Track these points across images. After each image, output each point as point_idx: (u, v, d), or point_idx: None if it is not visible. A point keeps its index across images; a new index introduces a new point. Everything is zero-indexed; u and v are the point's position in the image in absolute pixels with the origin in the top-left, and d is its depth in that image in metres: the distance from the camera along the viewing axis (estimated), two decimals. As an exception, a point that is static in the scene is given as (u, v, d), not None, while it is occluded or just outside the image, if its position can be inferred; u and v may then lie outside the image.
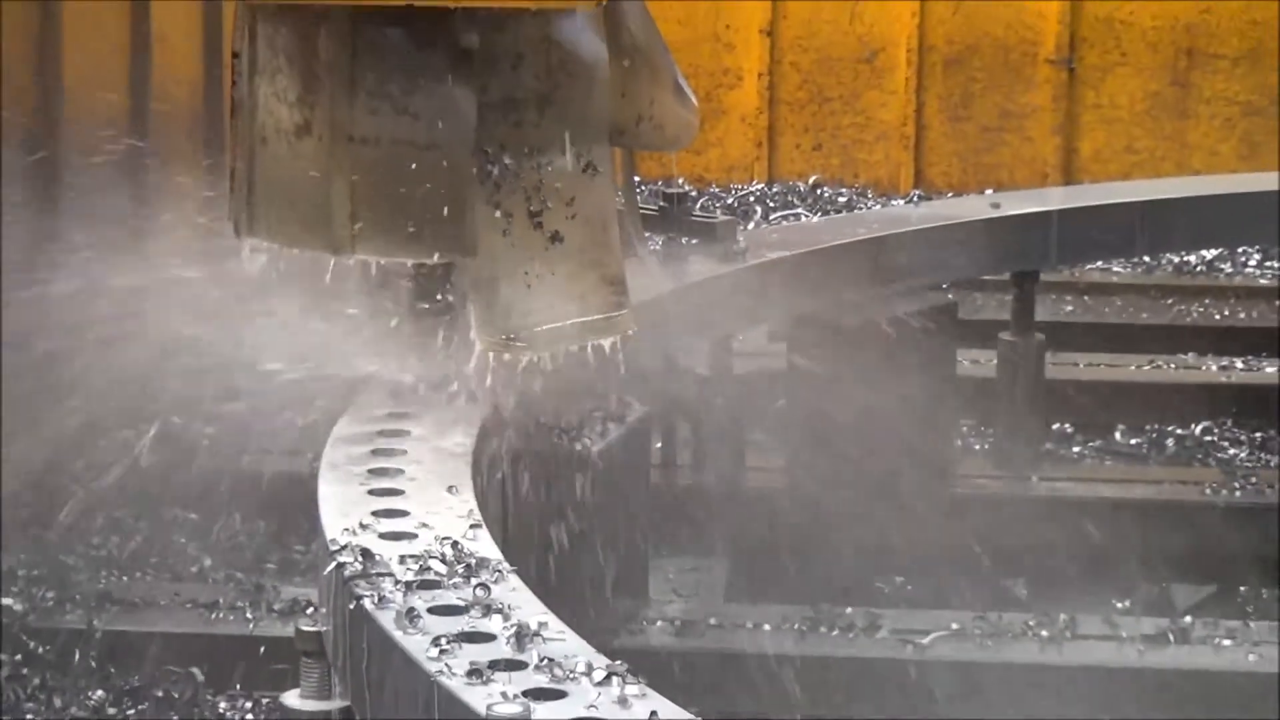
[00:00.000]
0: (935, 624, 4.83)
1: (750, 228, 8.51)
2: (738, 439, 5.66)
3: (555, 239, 3.67)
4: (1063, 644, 4.76)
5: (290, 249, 3.74)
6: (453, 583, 2.95)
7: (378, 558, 3.02)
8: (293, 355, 4.00)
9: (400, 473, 3.43)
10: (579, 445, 4.05)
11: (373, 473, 3.43)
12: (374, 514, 3.22)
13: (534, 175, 3.66)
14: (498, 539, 3.18)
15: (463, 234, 3.63)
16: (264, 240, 3.75)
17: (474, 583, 2.93)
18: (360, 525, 3.17)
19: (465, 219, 3.62)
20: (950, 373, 5.79)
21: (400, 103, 3.59)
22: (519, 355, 3.76)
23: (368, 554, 3.03)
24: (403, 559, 3.03)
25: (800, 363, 5.50)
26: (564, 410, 4.07)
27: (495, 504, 3.75)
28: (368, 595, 2.90)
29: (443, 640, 2.73)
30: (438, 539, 3.10)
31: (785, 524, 5.47)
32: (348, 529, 3.15)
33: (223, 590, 5.16)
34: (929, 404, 5.49)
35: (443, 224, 3.62)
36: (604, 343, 3.78)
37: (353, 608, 2.91)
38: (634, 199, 4.33)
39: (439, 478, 3.41)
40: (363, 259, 3.74)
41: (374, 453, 3.52)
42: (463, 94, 3.59)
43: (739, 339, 5.61)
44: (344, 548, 3.06)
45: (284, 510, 5.39)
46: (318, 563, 3.24)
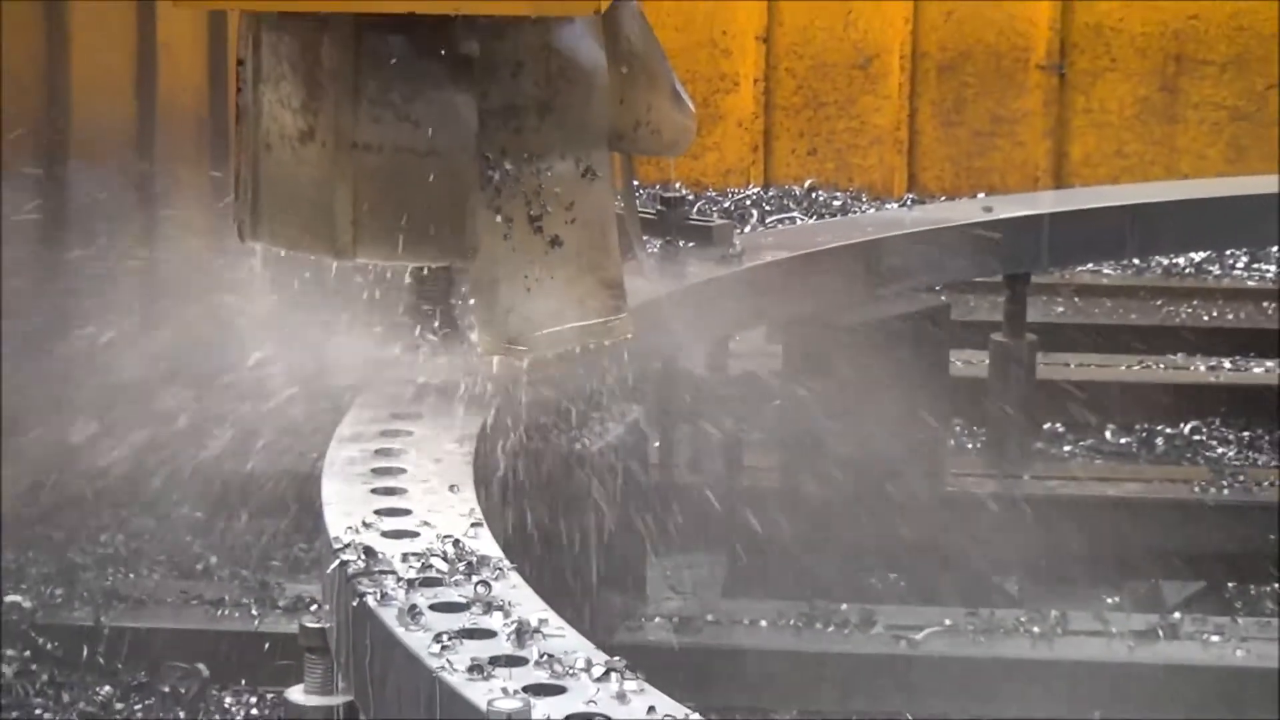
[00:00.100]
0: (928, 620, 4.87)
1: (746, 231, 8.51)
2: (734, 438, 5.65)
3: (555, 243, 3.65)
4: (1054, 640, 4.80)
5: (293, 252, 3.74)
6: (454, 580, 2.95)
7: (380, 556, 3.03)
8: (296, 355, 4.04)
9: (402, 472, 3.43)
10: (578, 444, 4.06)
11: (375, 472, 3.42)
12: (376, 513, 3.22)
13: (534, 180, 3.64)
14: (498, 537, 3.18)
15: (463, 238, 3.62)
16: (268, 244, 3.74)
17: (475, 580, 2.93)
18: (363, 524, 3.17)
19: (466, 223, 3.61)
20: (943, 373, 5.80)
21: (402, 110, 3.57)
22: (519, 357, 3.75)
23: (370, 552, 3.03)
24: (405, 557, 3.03)
25: (796, 363, 5.50)
26: (563, 410, 4.07)
27: (496, 503, 3.75)
28: (370, 592, 2.91)
29: (444, 637, 2.74)
30: (439, 537, 3.11)
31: (780, 522, 5.49)
32: (351, 527, 3.15)
33: (228, 587, 5.19)
34: (922, 404, 5.49)
35: (444, 228, 3.61)
36: (602, 345, 3.77)
37: (356, 605, 2.92)
38: (633, 203, 4.31)
39: (440, 477, 3.41)
40: (364, 263, 3.74)
41: (377, 452, 3.52)
42: (464, 101, 3.58)
43: (736, 340, 5.62)
44: (347, 546, 3.06)
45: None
46: (321, 560, 3.25)
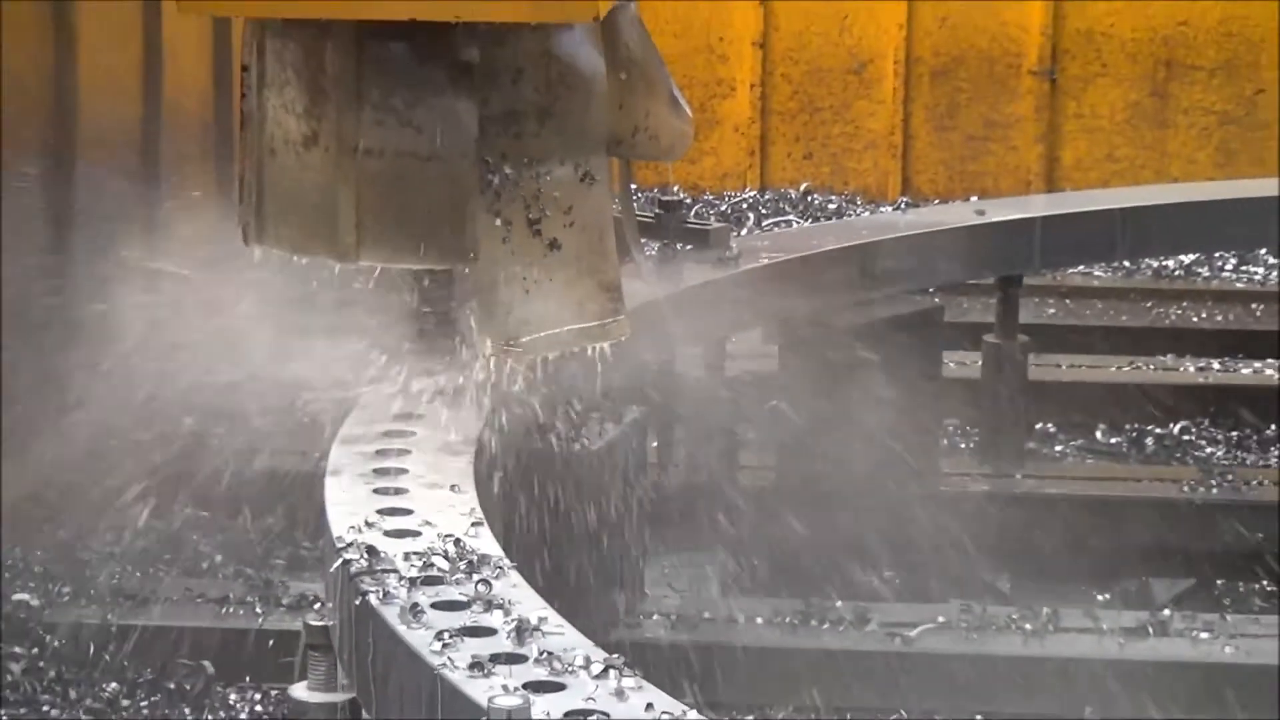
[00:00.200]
0: (922, 617, 4.88)
1: (743, 234, 8.52)
2: (730, 438, 5.66)
3: (553, 246, 3.67)
4: (1045, 637, 4.81)
5: (297, 255, 3.76)
6: (455, 579, 2.97)
7: (382, 555, 3.05)
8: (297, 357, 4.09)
9: (404, 472, 3.45)
10: (577, 445, 4.10)
11: (377, 472, 3.45)
12: (379, 512, 3.24)
13: (533, 184, 3.66)
14: (499, 536, 3.21)
15: (464, 242, 3.64)
16: (271, 247, 3.75)
17: (475, 579, 2.95)
18: (366, 523, 3.19)
19: (466, 227, 3.63)
20: (936, 374, 5.82)
21: (404, 115, 3.60)
22: (518, 359, 3.77)
23: (373, 551, 3.06)
24: (407, 556, 3.05)
25: (791, 364, 5.52)
26: (562, 411, 4.10)
27: (497, 502, 3.77)
28: (373, 591, 2.93)
29: (445, 634, 2.76)
30: (440, 536, 3.13)
31: (776, 521, 5.51)
32: (353, 527, 3.17)
33: (233, 585, 5.20)
34: (916, 404, 5.51)
35: (445, 232, 3.63)
36: (600, 347, 3.77)
37: (358, 603, 2.94)
38: (631, 207, 4.32)
39: (442, 477, 3.43)
40: (367, 266, 3.76)
41: (379, 453, 3.55)
42: (464, 106, 3.60)
43: (732, 341, 5.62)
44: (350, 545, 3.08)
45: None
46: (324, 559, 3.27)
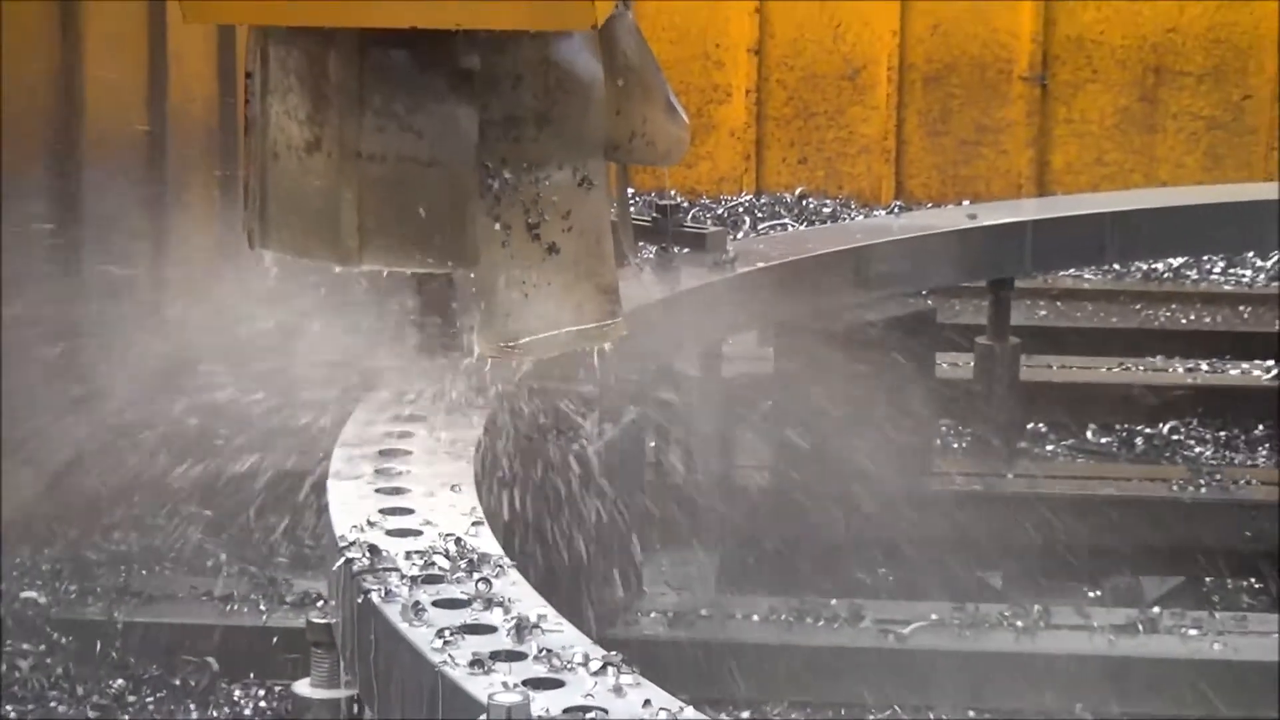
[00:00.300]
0: (915, 615, 4.92)
1: (739, 238, 8.53)
2: (727, 438, 5.68)
3: (552, 250, 3.69)
4: (1036, 634, 4.85)
5: (300, 259, 3.78)
6: (456, 577, 2.99)
7: (384, 553, 3.08)
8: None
9: (406, 472, 3.47)
10: (577, 445, 4.12)
11: (379, 472, 3.47)
12: (381, 512, 3.26)
13: (532, 189, 3.68)
14: (499, 535, 3.23)
15: (464, 245, 3.66)
16: (275, 251, 3.78)
17: (476, 577, 2.97)
18: (368, 523, 3.21)
19: (467, 231, 3.65)
20: (929, 375, 5.86)
21: (405, 121, 3.62)
22: (517, 361, 3.81)
23: (375, 550, 3.08)
24: (408, 555, 3.08)
25: (786, 366, 5.55)
26: (562, 412, 4.12)
27: (497, 502, 3.79)
28: (375, 589, 2.95)
29: (446, 632, 2.78)
30: (441, 536, 3.15)
31: (772, 520, 5.55)
32: (356, 526, 3.20)
33: (237, 584, 5.23)
34: (909, 405, 5.55)
35: (445, 236, 3.65)
36: (599, 349, 3.80)
37: (361, 601, 2.97)
38: (628, 211, 4.32)
39: (443, 477, 3.45)
40: (369, 269, 3.77)
41: (381, 453, 3.57)
42: (465, 112, 3.62)
43: (729, 343, 5.64)
44: (352, 544, 3.11)
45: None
46: (327, 558, 3.29)
